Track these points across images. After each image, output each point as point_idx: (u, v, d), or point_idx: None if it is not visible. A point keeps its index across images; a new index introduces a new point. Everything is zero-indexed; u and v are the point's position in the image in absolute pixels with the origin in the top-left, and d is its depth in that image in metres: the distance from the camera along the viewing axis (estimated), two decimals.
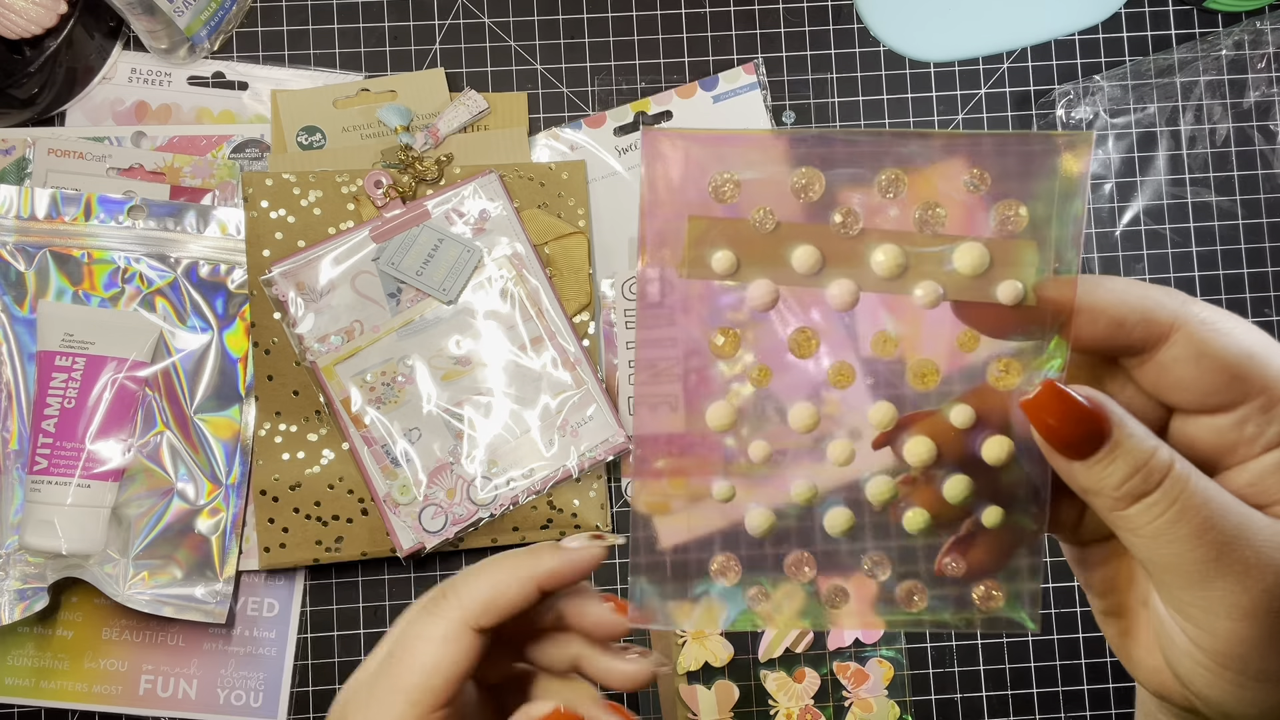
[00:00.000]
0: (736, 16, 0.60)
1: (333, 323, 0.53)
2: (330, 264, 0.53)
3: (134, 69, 0.58)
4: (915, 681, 0.57)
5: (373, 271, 0.53)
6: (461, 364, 0.54)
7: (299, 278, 0.53)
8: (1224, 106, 0.59)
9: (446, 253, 0.54)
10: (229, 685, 0.56)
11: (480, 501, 0.53)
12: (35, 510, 0.52)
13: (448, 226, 0.54)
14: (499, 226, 0.55)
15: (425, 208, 0.54)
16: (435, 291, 0.53)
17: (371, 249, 0.54)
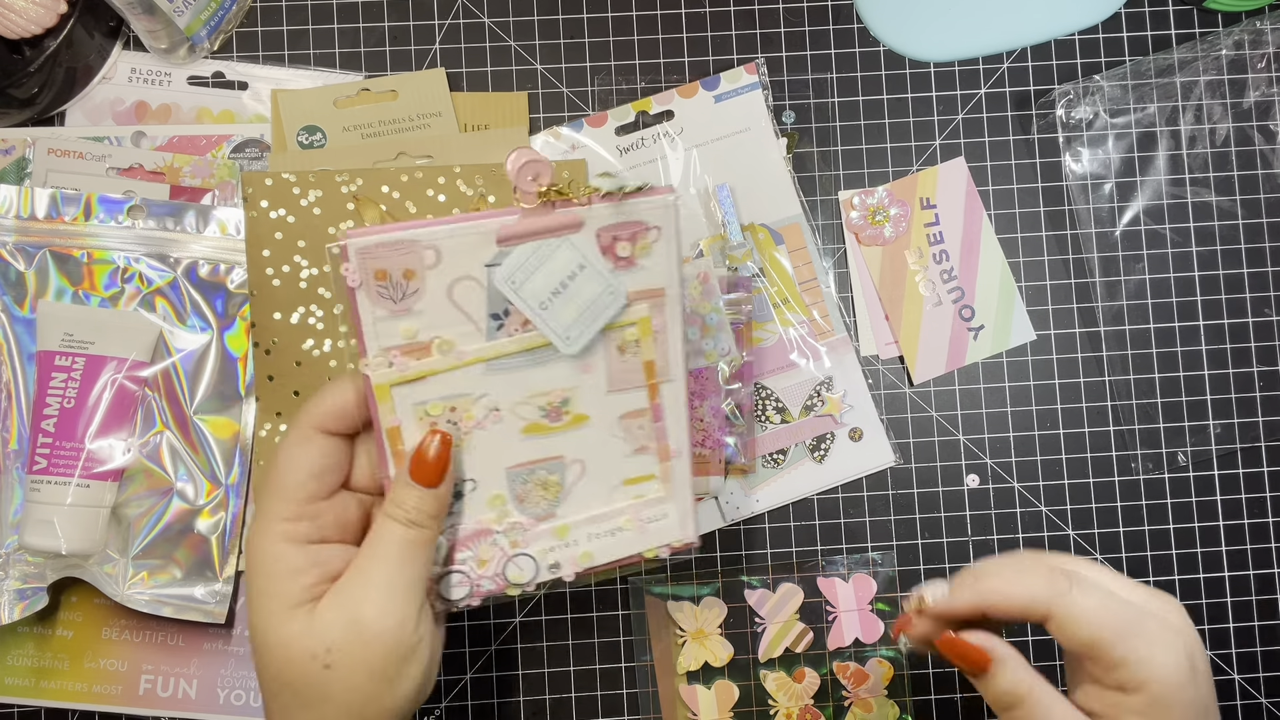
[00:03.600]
0: (736, 16, 0.60)
1: (406, 331, 0.40)
2: (429, 255, 0.39)
3: (134, 69, 0.58)
4: (915, 681, 0.57)
5: (480, 280, 0.40)
6: (552, 418, 0.42)
7: (382, 262, 0.39)
8: (1224, 106, 0.59)
9: (584, 287, 0.40)
10: (229, 685, 0.56)
11: (514, 581, 0.43)
12: (35, 510, 0.52)
13: (595, 250, 0.41)
14: (654, 264, 0.42)
15: (577, 215, 0.40)
16: (556, 336, 0.40)
17: (491, 251, 0.40)
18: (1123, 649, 0.37)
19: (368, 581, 0.38)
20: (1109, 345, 0.59)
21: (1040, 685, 0.39)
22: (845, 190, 0.59)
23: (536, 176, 0.38)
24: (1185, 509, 0.59)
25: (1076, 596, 0.38)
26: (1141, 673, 0.37)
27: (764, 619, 0.57)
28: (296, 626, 0.38)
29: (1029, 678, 0.39)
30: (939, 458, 0.58)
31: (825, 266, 0.58)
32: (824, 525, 0.58)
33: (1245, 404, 0.59)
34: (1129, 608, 0.38)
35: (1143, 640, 0.37)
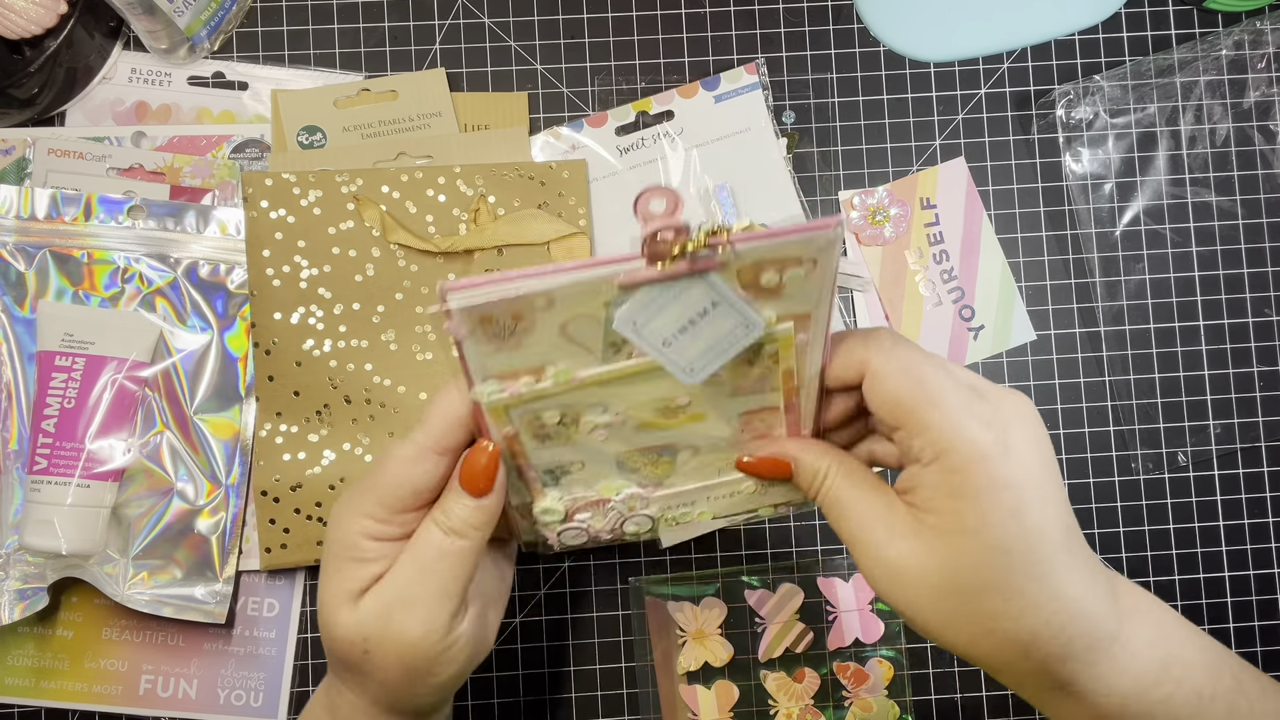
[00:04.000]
0: (736, 16, 0.60)
1: (516, 361, 0.37)
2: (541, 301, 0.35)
3: (134, 69, 0.58)
4: (915, 681, 0.57)
5: (597, 317, 0.36)
6: (668, 416, 0.40)
7: (488, 312, 0.35)
8: (1224, 106, 0.59)
9: (716, 324, 0.36)
10: (229, 685, 0.56)
11: (631, 533, 0.44)
12: (35, 510, 0.52)
13: (733, 286, 0.35)
14: (798, 293, 0.36)
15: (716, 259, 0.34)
16: (677, 369, 0.37)
17: (610, 291, 0.35)
18: (927, 413, 0.34)
19: (401, 581, 0.39)
20: (1109, 345, 0.59)
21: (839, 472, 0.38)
22: (845, 190, 0.59)
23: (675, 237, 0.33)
24: (1185, 509, 0.59)
25: (896, 353, 0.36)
26: (942, 440, 0.34)
27: (764, 619, 0.57)
28: (345, 613, 0.39)
29: (826, 463, 0.38)
30: None
31: None
32: (824, 525, 0.58)
33: (1245, 404, 0.59)
34: (948, 378, 0.35)
35: (952, 408, 0.34)
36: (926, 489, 0.35)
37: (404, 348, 0.55)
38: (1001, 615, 0.34)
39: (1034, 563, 0.34)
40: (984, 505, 0.34)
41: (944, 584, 0.35)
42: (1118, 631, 0.35)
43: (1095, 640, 0.35)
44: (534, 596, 0.57)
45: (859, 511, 0.37)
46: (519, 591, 0.57)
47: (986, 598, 0.34)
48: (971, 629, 0.35)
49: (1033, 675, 0.35)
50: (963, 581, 0.34)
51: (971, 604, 0.34)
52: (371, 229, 0.55)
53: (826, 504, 0.38)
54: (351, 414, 0.55)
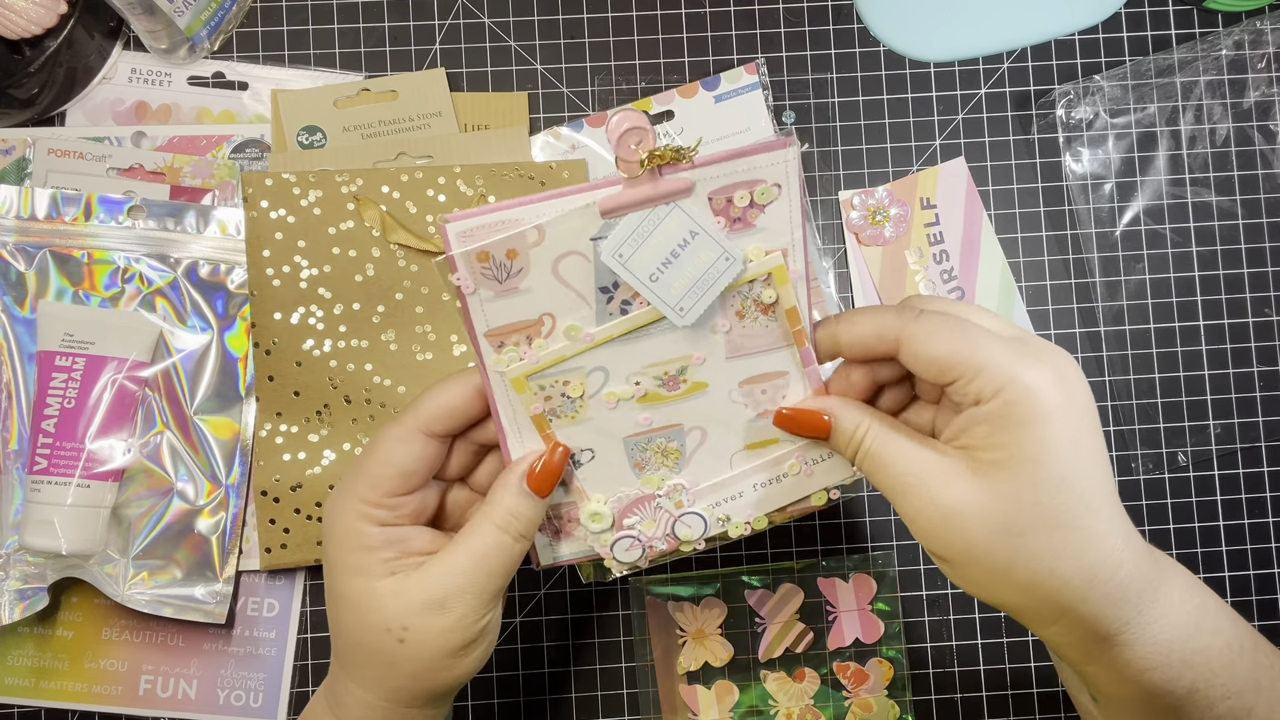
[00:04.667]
0: (736, 16, 0.60)
1: (514, 312, 0.39)
2: (532, 234, 0.37)
3: (134, 69, 0.58)
4: (915, 681, 0.57)
5: (586, 254, 0.38)
6: (669, 387, 0.41)
7: (485, 244, 0.37)
8: (1224, 106, 0.59)
9: (697, 255, 0.38)
10: (229, 685, 0.56)
11: (685, 538, 0.43)
12: (35, 510, 0.52)
13: (707, 215, 0.38)
14: (770, 224, 0.39)
15: (686, 179, 0.37)
16: (668, 309, 0.38)
17: (596, 224, 0.37)
18: (978, 357, 0.35)
19: (453, 573, 0.40)
20: (1109, 345, 0.59)
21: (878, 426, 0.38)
22: (845, 190, 0.59)
23: (640, 142, 0.36)
24: (1185, 509, 0.59)
25: (926, 319, 0.37)
26: (1001, 375, 0.35)
27: (764, 619, 0.57)
28: (375, 599, 0.40)
29: (866, 420, 0.38)
30: None
31: (825, 266, 0.58)
32: (824, 525, 0.58)
33: (1245, 404, 0.59)
34: (982, 330, 0.36)
35: (1005, 349, 0.36)
36: (985, 425, 0.35)
37: (404, 348, 0.55)
38: (1063, 552, 0.35)
39: (1091, 497, 0.35)
40: (1046, 432, 0.35)
41: (1006, 521, 0.35)
42: (1160, 579, 0.36)
43: (1146, 584, 0.36)
44: (534, 596, 0.57)
45: (907, 459, 0.37)
46: (519, 591, 0.57)
47: (1049, 533, 0.35)
48: (1033, 568, 0.35)
49: (1085, 623, 0.35)
50: (1025, 516, 0.35)
51: (1033, 540, 0.35)
52: (371, 229, 0.55)
53: (870, 457, 0.38)
54: (351, 414, 0.55)
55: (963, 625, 0.58)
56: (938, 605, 0.58)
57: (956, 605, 0.58)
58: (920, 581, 0.58)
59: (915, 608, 0.58)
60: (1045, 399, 0.35)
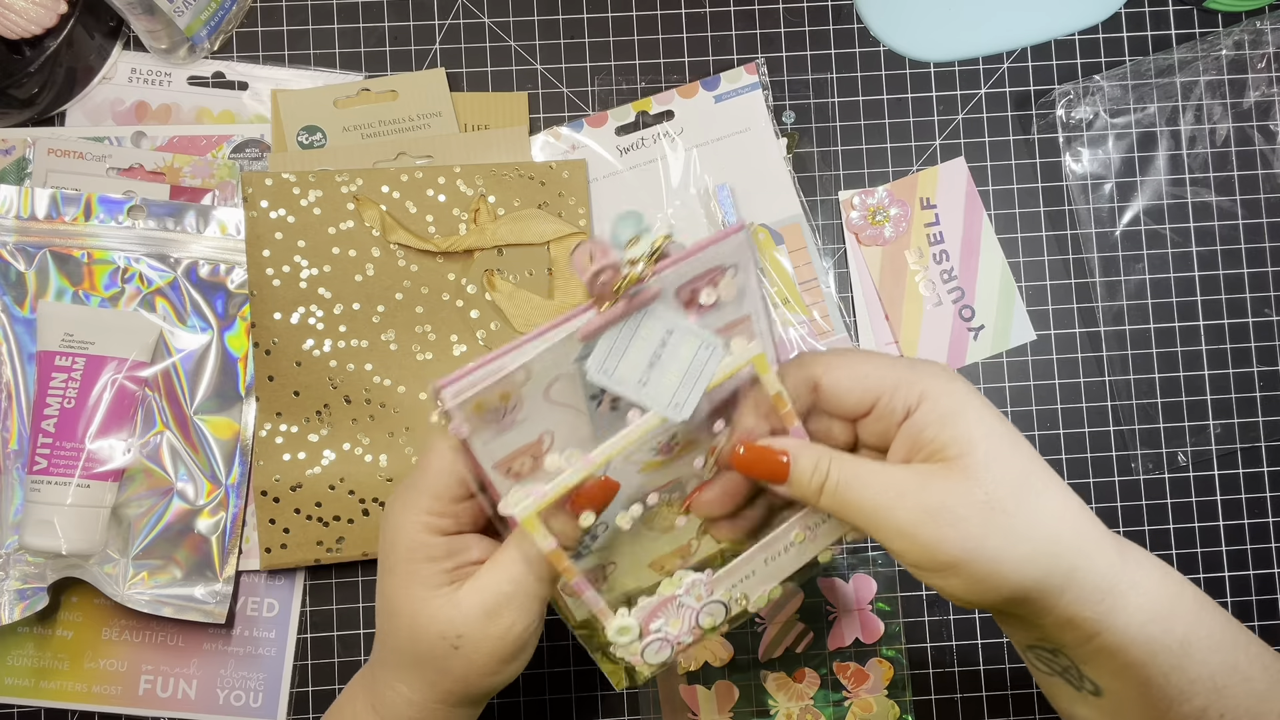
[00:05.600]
0: (736, 16, 0.60)
1: (515, 441, 0.40)
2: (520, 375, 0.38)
3: (134, 69, 0.58)
4: (915, 681, 0.57)
5: (573, 374, 0.39)
6: (664, 453, 0.41)
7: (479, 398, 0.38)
8: (1224, 106, 0.59)
9: (678, 351, 0.38)
10: (229, 685, 0.56)
11: (709, 627, 0.43)
12: (35, 510, 0.52)
13: (678, 310, 0.39)
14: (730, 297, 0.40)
15: (655, 289, 0.38)
16: (662, 408, 0.39)
17: (575, 348, 0.38)
18: (892, 373, 0.38)
19: (503, 580, 0.40)
20: (1109, 345, 0.59)
21: (840, 459, 0.38)
22: (845, 190, 0.59)
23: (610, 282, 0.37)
24: (1185, 509, 0.59)
25: (832, 355, 0.39)
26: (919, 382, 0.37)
27: (764, 619, 0.57)
28: (432, 609, 0.40)
29: (826, 455, 0.38)
30: None
31: (825, 266, 0.58)
32: None
33: (1245, 404, 0.59)
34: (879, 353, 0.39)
35: (900, 366, 0.38)
36: (928, 429, 0.37)
37: (404, 347, 0.55)
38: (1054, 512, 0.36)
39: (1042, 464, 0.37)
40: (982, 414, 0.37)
41: (991, 500, 0.35)
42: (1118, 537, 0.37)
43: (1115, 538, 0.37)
44: None
45: (880, 479, 0.37)
46: None
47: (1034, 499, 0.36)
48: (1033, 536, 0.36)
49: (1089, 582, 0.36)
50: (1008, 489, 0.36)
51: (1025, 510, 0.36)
52: (371, 229, 0.55)
53: (840, 489, 0.38)
54: (351, 414, 0.55)
55: (963, 625, 0.58)
56: (938, 605, 0.58)
57: (956, 605, 0.58)
58: (920, 581, 0.58)
59: (915, 608, 0.58)
60: (960, 388, 0.37)
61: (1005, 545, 0.36)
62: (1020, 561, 0.36)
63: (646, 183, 0.58)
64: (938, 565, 0.36)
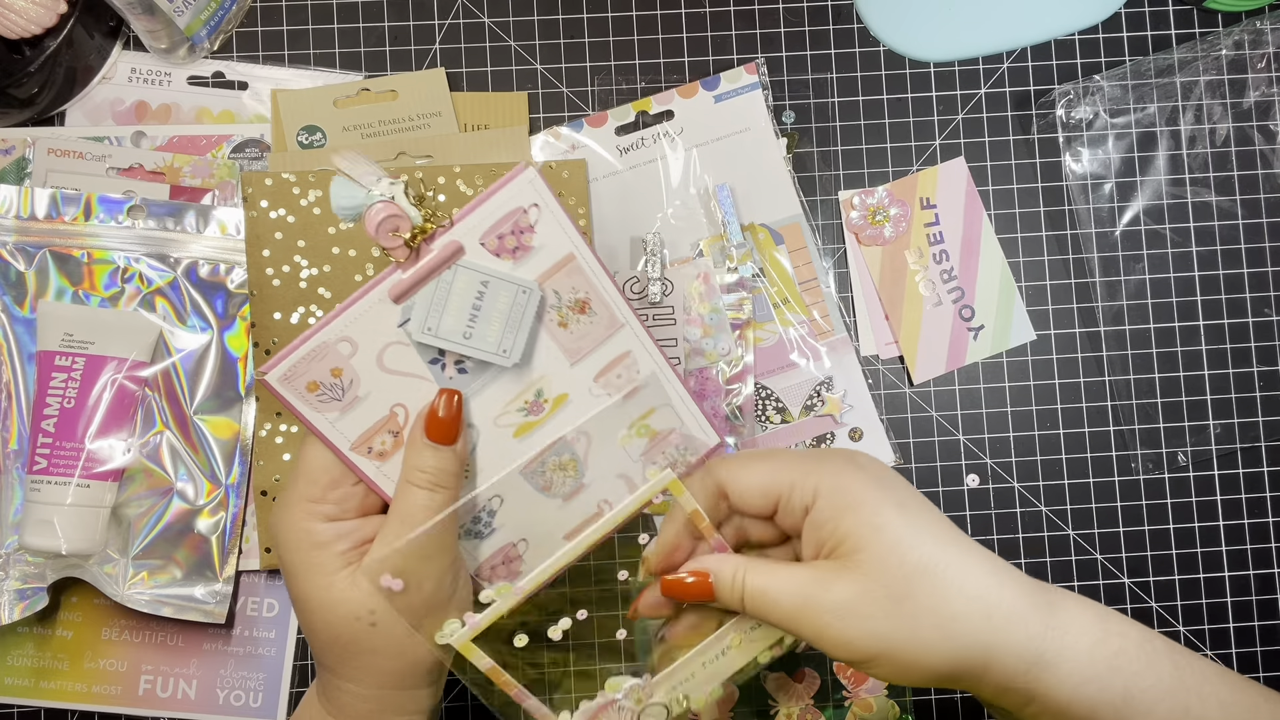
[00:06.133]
0: (736, 16, 0.60)
1: (366, 419, 0.42)
2: (344, 347, 0.40)
3: (134, 69, 0.58)
4: None
5: (403, 340, 0.41)
6: (534, 412, 0.43)
7: (307, 376, 0.40)
8: (1224, 106, 0.59)
9: (496, 300, 0.40)
10: (228, 685, 0.56)
11: None
12: (35, 510, 0.52)
13: (489, 260, 0.40)
14: (546, 238, 0.41)
15: (454, 241, 0.40)
16: (491, 356, 0.41)
17: (393, 312, 0.40)
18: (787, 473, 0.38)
19: (390, 541, 0.41)
20: (1109, 345, 0.59)
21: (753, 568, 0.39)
22: (845, 190, 0.59)
23: (396, 229, 0.38)
24: (1185, 509, 0.59)
25: (732, 458, 0.40)
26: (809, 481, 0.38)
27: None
28: (337, 593, 0.40)
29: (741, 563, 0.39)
30: (939, 458, 0.58)
31: (825, 266, 0.58)
32: None
33: (1245, 404, 0.59)
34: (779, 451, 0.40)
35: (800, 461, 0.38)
36: (824, 526, 0.37)
37: None
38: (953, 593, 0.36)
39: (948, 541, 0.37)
40: (876, 505, 0.37)
41: (890, 593, 0.35)
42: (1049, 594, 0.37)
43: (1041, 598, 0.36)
44: None
45: (787, 583, 0.37)
46: None
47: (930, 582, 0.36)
48: (936, 622, 0.35)
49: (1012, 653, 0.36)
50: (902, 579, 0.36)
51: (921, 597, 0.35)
52: None
53: (753, 597, 0.38)
54: None
55: None
56: None
57: None
58: None
59: None
60: (855, 480, 0.37)
61: (914, 635, 0.36)
62: (933, 648, 0.36)
63: (646, 183, 0.58)
64: (858, 659, 0.36)
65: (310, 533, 0.41)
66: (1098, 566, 0.58)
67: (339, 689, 0.42)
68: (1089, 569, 0.58)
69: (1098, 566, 0.58)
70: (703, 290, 0.56)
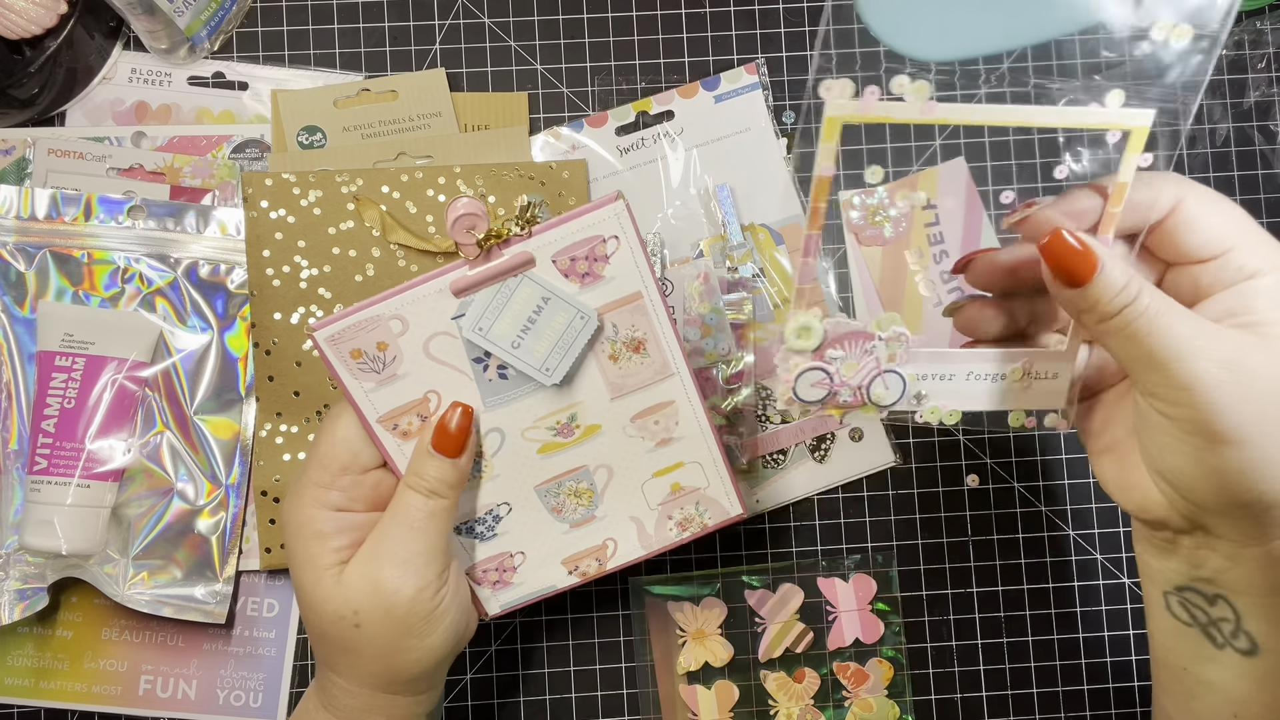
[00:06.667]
0: (736, 16, 0.60)
1: (399, 396, 0.42)
2: (396, 324, 0.41)
3: (134, 69, 0.58)
4: (915, 681, 0.57)
5: (452, 332, 0.41)
6: (564, 435, 0.43)
7: (354, 343, 0.41)
8: (1224, 106, 0.59)
9: (552, 318, 0.40)
10: (228, 685, 0.56)
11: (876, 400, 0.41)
12: (35, 510, 0.52)
13: (556, 278, 0.40)
14: (618, 271, 0.41)
15: (527, 252, 0.40)
16: (534, 371, 0.41)
17: (451, 304, 0.40)
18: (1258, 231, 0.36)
19: (388, 549, 0.40)
20: None
21: (1153, 288, 0.35)
22: (845, 190, 0.59)
23: (472, 228, 0.38)
24: None
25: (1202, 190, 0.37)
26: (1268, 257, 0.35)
27: (764, 619, 0.57)
28: (327, 589, 0.40)
29: (1139, 278, 0.35)
30: (939, 458, 0.58)
31: (825, 266, 0.58)
32: (824, 525, 0.58)
33: None
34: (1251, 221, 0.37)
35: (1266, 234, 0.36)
36: (1266, 298, 0.35)
37: None
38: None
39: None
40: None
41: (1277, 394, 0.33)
42: None
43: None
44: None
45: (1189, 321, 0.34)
46: None
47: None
48: None
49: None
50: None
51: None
52: (371, 229, 0.55)
53: (1138, 318, 0.34)
54: None
55: (963, 625, 0.58)
56: (938, 605, 0.58)
57: (956, 605, 0.58)
58: (920, 581, 0.58)
59: (915, 608, 0.58)
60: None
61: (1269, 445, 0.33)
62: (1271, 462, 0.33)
63: (646, 183, 0.58)
64: (1209, 433, 0.33)
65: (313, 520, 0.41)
66: (1098, 566, 0.58)
67: (333, 682, 0.42)
68: (1089, 569, 0.58)
69: (1098, 566, 0.58)
70: (703, 290, 0.56)
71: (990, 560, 0.58)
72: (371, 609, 0.40)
